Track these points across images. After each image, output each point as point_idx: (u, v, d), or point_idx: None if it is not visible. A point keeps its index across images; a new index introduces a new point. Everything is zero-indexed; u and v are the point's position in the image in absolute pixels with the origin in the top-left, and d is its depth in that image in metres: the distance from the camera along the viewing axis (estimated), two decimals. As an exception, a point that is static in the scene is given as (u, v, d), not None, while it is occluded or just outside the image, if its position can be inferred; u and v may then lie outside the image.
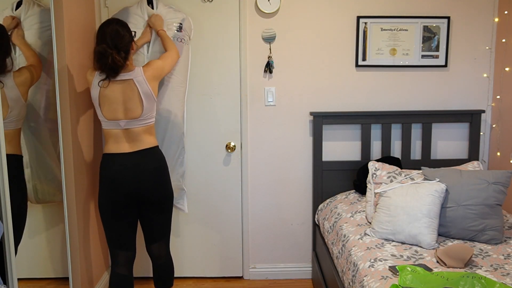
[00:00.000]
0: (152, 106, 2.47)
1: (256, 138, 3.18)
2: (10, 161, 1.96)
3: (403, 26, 3.06)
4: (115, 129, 2.41)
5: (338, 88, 3.14)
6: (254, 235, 3.29)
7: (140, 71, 2.42)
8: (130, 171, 2.40)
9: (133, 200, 2.44)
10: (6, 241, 1.85)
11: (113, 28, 2.36)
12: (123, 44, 2.36)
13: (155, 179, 2.46)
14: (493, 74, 3.14)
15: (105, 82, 2.36)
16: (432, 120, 3.12)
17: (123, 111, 2.39)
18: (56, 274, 2.66)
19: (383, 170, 2.78)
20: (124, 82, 2.38)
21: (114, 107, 2.38)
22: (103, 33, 2.36)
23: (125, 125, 2.39)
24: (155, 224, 2.54)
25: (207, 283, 3.28)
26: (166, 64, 2.59)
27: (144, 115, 2.42)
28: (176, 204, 2.98)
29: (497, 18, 3.09)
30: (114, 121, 2.39)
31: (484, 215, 2.38)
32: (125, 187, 2.40)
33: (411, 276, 1.92)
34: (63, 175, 2.56)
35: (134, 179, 2.40)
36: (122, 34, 2.37)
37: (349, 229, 2.59)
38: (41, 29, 2.43)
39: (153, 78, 2.47)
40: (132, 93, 2.38)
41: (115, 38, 2.34)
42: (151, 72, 2.46)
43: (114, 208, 2.44)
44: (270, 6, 3.02)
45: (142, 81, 2.40)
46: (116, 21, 2.43)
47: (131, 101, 2.38)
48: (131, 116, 2.39)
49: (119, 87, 2.38)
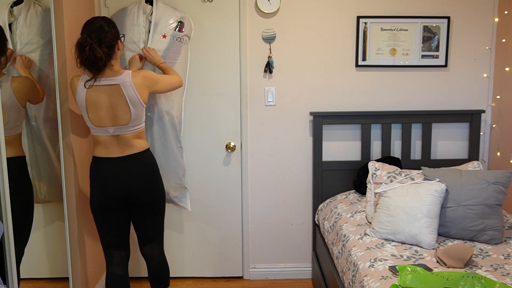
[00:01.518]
0: (141, 113, 2.39)
1: (256, 138, 3.18)
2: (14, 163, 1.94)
3: (403, 26, 3.06)
4: (103, 136, 2.36)
5: (338, 88, 3.14)
6: (254, 235, 3.29)
7: (128, 76, 2.32)
8: (120, 175, 2.37)
9: (123, 203, 2.42)
10: (6, 241, 1.85)
11: (98, 23, 2.28)
12: (106, 38, 2.26)
13: (146, 182, 2.43)
14: (493, 74, 3.14)
15: (91, 83, 2.27)
16: (432, 120, 3.12)
17: (111, 118, 2.32)
18: (56, 274, 2.66)
19: (383, 170, 2.78)
20: (110, 88, 2.29)
21: (101, 114, 2.31)
22: (88, 28, 2.27)
23: (113, 132, 2.34)
24: (147, 226, 2.53)
25: (207, 283, 3.28)
26: (162, 80, 2.48)
27: (132, 122, 2.35)
28: (179, 203, 2.98)
29: (497, 18, 3.09)
30: (102, 128, 2.33)
31: (484, 215, 2.38)
32: (115, 191, 2.38)
33: (411, 276, 1.92)
34: (63, 175, 2.56)
35: (125, 183, 2.38)
36: (107, 30, 2.28)
37: (349, 229, 2.59)
38: (42, 29, 2.43)
39: (142, 86, 2.35)
40: (119, 99, 2.29)
41: (98, 31, 2.25)
42: (141, 79, 2.35)
43: (105, 211, 2.42)
44: (270, 6, 3.02)
45: (129, 87, 2.30)
46: (103, 18, 2.35)
47: (117, 107, 2.30)
48: (119, 123, 2.33)
49: (106, 93, 2.29)
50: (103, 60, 2.24)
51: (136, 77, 2.33)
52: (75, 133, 2.65)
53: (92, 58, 2.20)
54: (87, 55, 2.19)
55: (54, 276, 2.63)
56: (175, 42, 2.78)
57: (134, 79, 2.32)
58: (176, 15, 2.83)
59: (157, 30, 2.76)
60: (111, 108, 2.30)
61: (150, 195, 2.46)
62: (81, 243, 2.75)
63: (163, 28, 2.77)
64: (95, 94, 2.29)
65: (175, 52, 2.79)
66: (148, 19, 2.79)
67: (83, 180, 2.78)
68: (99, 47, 2.22)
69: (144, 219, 2.51)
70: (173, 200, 2.96)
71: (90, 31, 2.25)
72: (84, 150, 2.80)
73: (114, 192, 2.37)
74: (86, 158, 2.83)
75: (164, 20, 2.78)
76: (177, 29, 2.80)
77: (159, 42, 2.76)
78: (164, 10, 2.81)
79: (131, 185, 2.38)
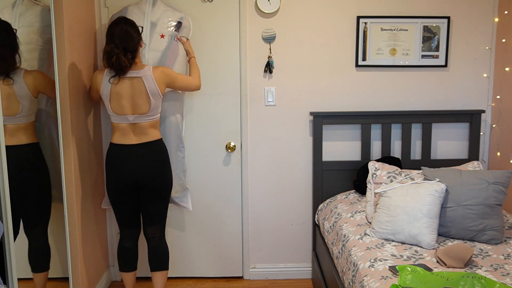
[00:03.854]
0: (158, 104, 2.60)
1: (256, 138, 3.18)
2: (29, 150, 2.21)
3: (403, 26, 3.06)
4: (123, 123, 2.56)
5: (338, 88, 3.14)
6: (254, 235, 3.29)
7: (149, 71, 2.54)
8: (134, 161, 2.57)
9: (134, 187, 2.62)
10: (6, 241, 1.85)
11: (122, 28, 2.47)
12: (132, 44, 2.48)
13: (156, 169, 2.62)
14: (493, 74, 3.14)
15: (116, 79, 2.50)
16: (432, 120, 3.12)
17: (131, 106, 2.53)
18: (56, 274, 2.66)
19: (383, 170, 2.78)
20: (133, 79, 2.51)
21: (123, 103, 2.52)
22: (111, 33, 2.48)
23: (133, 120, 2.55)
24: (152, 210, 2.70)
25: (207, 283, 3.28)
26: (180, 79, 2.70)
27: (151, 111, 2.56)
28: (180, 203, 3.00)
29: (497, 18, 3.09)
30: (122, 116, 2.55)
31: (484, 215, 2.38)
32: (128, 176, 2.58)
33: (411, 276, 1.92)
34: (63, 175, 2.56)
35: (137, 169, 2.58)
36: (131, 34, 2.48)
37: (349, 229, 2.59)
38: (42, 28, 2.43)
39: (161, 81, 2.57)
40: (140, 90, 2.51)
41: (124, 39, 2.46)
42: (160, 74, 2.57)
43: (119, 194, 2.65)
44: (270, 6, 3.02)
45: (150, 80, 2.52)
46: (125, 20, 2.51)
47: (139, 98, 2.52)
48: (139, 112, 2.54)
49: (128, 84, 2.51)
50: (127, 66, 2.47)
51: (155, 71, 2.56)
52: (75, 132, 2.65)
53: (118, 66, 2.45)
54: (114, 63, 2.44)
55: (54, 276, 2.63)
56: (173, 41, 2.79)
57: (154, 73, 2.54)
58: (175, 15, 2.84)
59: (156, 30, 2.78)
60: (132, 98, 2.52)
61: (158, 182, 2.64)
62: (81, 243, 2.75)
63: (162, 28, 2.78)
64: (119, 85, 2.51)
65: (174, 51, 2.81)
66: (148, 19, 2.79)
67: (84, 180, 2.78)
68: (124, 55, 2.44)
69: (150, 203, 2.69)
70: (174, 200, 2.97)
71: (115, 37, 2.45)
72: (85, 149, 2.80)
73: (127, 177, 2.59)
74: (86, 157, 2.83)
75: (162, 20, 2.80)
76: (175, 29, 2.81)
77: (157, 42, 2.77)
78: (163, 11, 2.83)
79: (142, 171, 2.58)
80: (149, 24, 2.78)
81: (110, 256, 3.30)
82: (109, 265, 3.31)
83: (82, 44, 2.76)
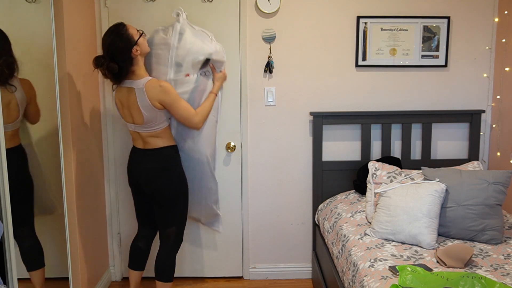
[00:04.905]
0: (155, 116, 2.48)
1: (256, 138, 3.18)
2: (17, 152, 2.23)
3: (403, 26, 3.06)
4: (131, 129, 2.62)
5: (338, 88, 3.14)
6: (254, 235, 3.29)
7: (143, 83, 2.44)
8: (137, 165, 2.64)
9: (139, 189, 2.68)
10: (6, 241, 1.85)
11: (108, 39, 2.42)
12: (118, 54, 2.40)
13: (154, 176, 2.60)
14: (493, 74, 3.14)
15: (114, 87, 2.56)
16: (432, 120, 3.12)
17: (130, 116, 2.54)
18: (56, 274, 2.66)
19: (383, 170, 2.78)
20: (128, 90, 2.49)
21: (125, 111, 2.56)
22: (102, 43, 2.48)
23: (134, 129, 2.58)
24: (157, 215, 2.70)
25: (207, 283, 3.28)
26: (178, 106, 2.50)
27: (147, 123, 2.51)
28: (211, 227, 3.06)
29: (497, 18, 3.09)
30: (127, 123, 2.60)
31: (484, 215, 2.38)
32: (133, 177, 2.67)
33: (411, 276, 1.92)
34: (63, 177, 2.56)
35: (138, 173, 2.63)
36: (117, 45, 2.40)
37: (349, 229, 2.59)
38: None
39: (153, 96, 2.43)
40: (133, 101, 2.48)
41: (110, 49, 2.41)
42: (153, 89, 2.43)
43: (133, 191, 2.76)
44: (270, 6, 3.02)
45: (141, 92, 2.44)
46: (115, 31, 2.42)
47: (132, 108, 2.50)
48: (136, 122, 2.54)
49: (126, 93, 2.50)
50: (121, 72, 2.44)
51: (150, 85, 2.45)
52: (75, 133, 2.65)
53: (109, 73, 2.43)
54: (105, 72, 2.43)
55: (54, 276, 2.63)
56: (201, 77, 2.66)
57: (147, 87, 2.44)
58: (204, 50, 2.61)
59: (181, 70, 2.60)
60: (129, 108, 2.52)
61: (152, 188, 2.61)
62: (81, 243, 2.75)
63: (187, 67, 2.61)
64: (119, 94, 2.54)
65: (201, 90, 2.66)
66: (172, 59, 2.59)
67: (83, 180, 2.78)
68: (113, 63, 2.40)
69: (153, 207, 2.71)
70: (205, 224, 3.06)
71: (103, 47, 2.45)
72: (84, 151, 2.80)
73: (133, 178, 2.68)
74: (87, 159, 2.83)
75: (188, 58, 2.59)
76: (202, 67, 2.65)
77: (184, 84, 2.61)
78: (190, 45, 2.59)
79: (140, 175, 2.63)
80: (174, 64, 2.59)
81: (110, 256, 3.30)
82: (109, 265, 3.31)
83: (82, 44, 2.76)
